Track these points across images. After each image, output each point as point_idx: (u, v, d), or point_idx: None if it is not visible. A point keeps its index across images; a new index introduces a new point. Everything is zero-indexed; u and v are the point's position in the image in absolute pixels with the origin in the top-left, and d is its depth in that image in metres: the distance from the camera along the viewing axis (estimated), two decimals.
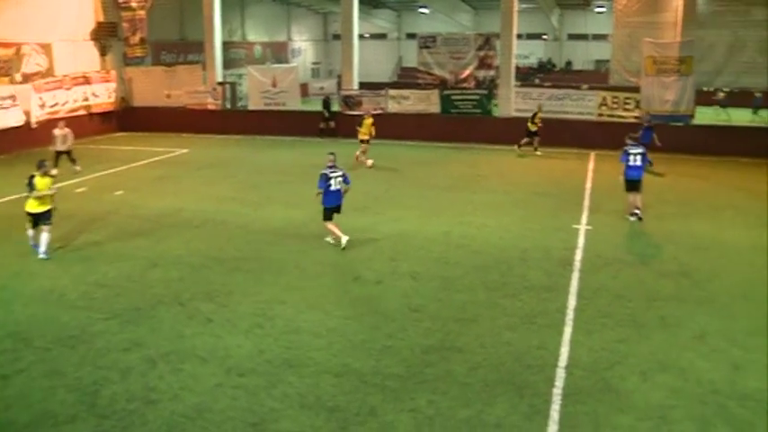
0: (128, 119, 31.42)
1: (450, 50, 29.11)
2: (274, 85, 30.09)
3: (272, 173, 21.84)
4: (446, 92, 28.26)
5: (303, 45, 58.07)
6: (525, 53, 53.45)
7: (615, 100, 25.92)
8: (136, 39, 31.14)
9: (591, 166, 22.52)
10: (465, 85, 28.94)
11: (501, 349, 9.32)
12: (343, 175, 13.64)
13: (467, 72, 28.99)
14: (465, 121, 27.68)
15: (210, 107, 30.96)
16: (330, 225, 13.71)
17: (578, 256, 13.27)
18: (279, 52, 53.64)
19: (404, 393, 8.14)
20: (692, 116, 25.52)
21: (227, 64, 35.63)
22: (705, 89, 28.76)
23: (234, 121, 31.21)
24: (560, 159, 24.02)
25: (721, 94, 32.80)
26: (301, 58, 55.83)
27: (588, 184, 19.64)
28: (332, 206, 13.64)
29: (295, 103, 30.43)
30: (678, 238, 14.62)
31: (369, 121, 22.67)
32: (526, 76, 47.82)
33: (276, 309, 10.66)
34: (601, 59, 49.77)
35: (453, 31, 41.14)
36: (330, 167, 13.61)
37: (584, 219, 15.98)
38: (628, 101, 25.76)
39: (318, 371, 8.67)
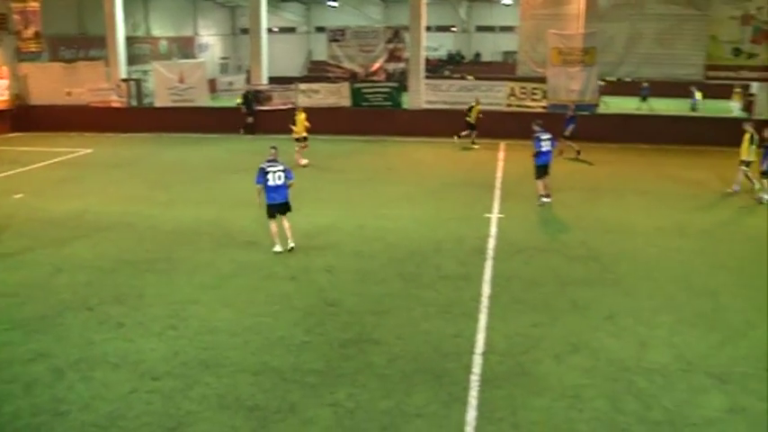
0: (24, 118, 29.85)
1: (359, 43, 29.10)
2: (182, 82, 29.37)
3: (182, 171, 21.32)
4: (356, 85, 28.25)
5: (210, 40, 56.87)
6: (435, 45, 53.94)
7: (523, 90, 26.55)
8: (29, 32, 29.60)
9: (501, 155, 23.01)
10: (375, 78, 28.99)
11: (418, 339, 9.39)
12: (284, 170, 12.84)
13: (377, 65, 29.05)
14: (376, 113, 27.75)
15: (115, 105, 29.93)
16: (272, 225, 13.06)
17: (491, 244, 13.52)
18: (185, 47, 52.37)
19: (323, 388, 8.09)
20: (596, 105, 26.42)
21: (132, 60, 34.47)
22: (608, 78, 29.89)
23: (140, 118, 30.27)
24: (471, 149, 24.42)
25: (645, 84, 34.47)
26: (209, 54, 54.67)
27: (499, 174, 20.03)
28: (272, 204, 12.87)
29: (203, 100, 29.78)
30: (586, 223, 15.11)
31: (302, 116, 21.88)
32: (436, 68, 48.30)
33: (190, 309, 10.41)
34: (509, 51, 50.79)
35: (363, 24, 41.13)
36: (269, 161, 12.85)
37: (495, 207, 16.31)
38: (535, 91, 26.44)
39: (236, 370, 8.52)
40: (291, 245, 13.01)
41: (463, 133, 24.73)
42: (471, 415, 7.57)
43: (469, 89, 27.36)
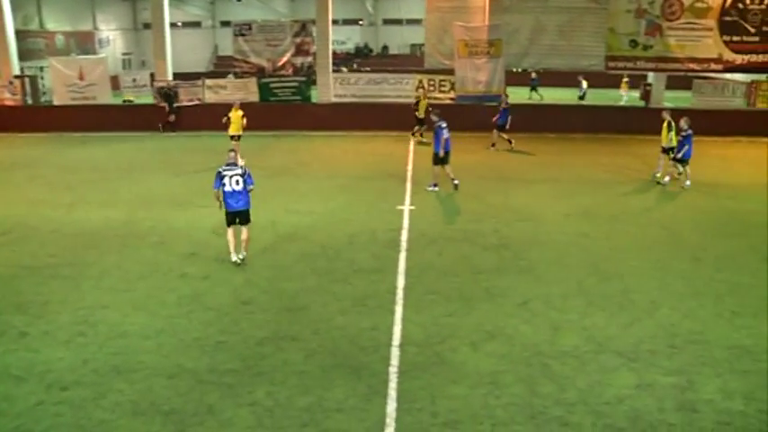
0: None
1: (266, 38, 28.65)
2: (82, 78, 28.22)
3: (86, 171, 20.48)
4: (264, 80, 27.88)
5: (111, 35, 54.89)
6: (342, 39, 53.92)
7: (431, 82, 26.82)
8: None
9: (411, 147, 23.16)
10: (283, 72, 28.65)
11: (335, 334, 9.35)
12: (243, 174, 11.75)
13: (284, 59, 28.70)
14: (285, 108, 27.49)
15: (8, 103, 28.44)
16: (228, 233, 12.10)
17: (404, 236, 13.60)
18: (84, 42, 50.33)
19: (241, 388, 7.94)
20: (502, 95, 26.91)
21: (24, 55, 32.83)
22: (514, 70, 30.54)
23: (38, 117, 28.85)
24: (381, 143, 24.50)
25: (534, 75, 35.50)
26: (110, 49, 52.73)
27: (409, 166, 20.17)
28: (230, 211, 11.87)
29: (106, 97, 28.70)
30: (497, 211, 15.41)
31: (238, 113, 20.90)
32: (344, 62, 48.27)
33: (99, 314, 10.02)
34: (416, 43, 51.25)
35: (269, 18, 40.56)
36: (227, 165, 11.78)
37: (407, 199, 16.41)
38: (443, 83, 26.75)
39: (150, 374, 8.25)
40: (240, 257, 12.07)
41: (415, 129, 24.64)
42: (391, 407, 7.58)
43: (378, 82, 27.44)
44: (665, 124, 18.50)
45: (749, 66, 27.32)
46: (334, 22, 29.80)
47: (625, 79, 34.75)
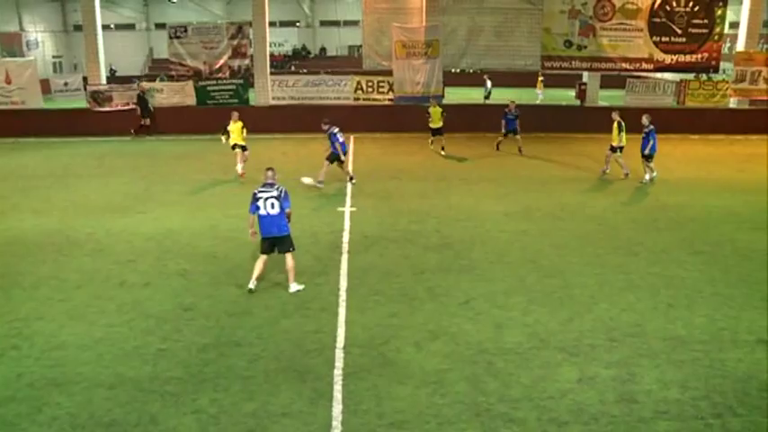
0: None
1: (202, 40, 28.21)
2: (8, 82, 27.26)
3: (16, 178, 19.80)
4: (201, 83, 27.47)
5: (40, 36, 53.34)
6: (279, 41, 53.57)
7: (370, 84, 26.87)
8: None
9: (351, 148, 23.07)
10: (220, 75, 28.27)
11: (279, 338, 9.27)
12: (279, 196, 10.60)
13: (221, 62, 28.33)
14: (222, 111, 26.92)
15: None
16: (259, 260, 10.96)
17: (346, 238, 13.56)
18: (10, 44, 48.73)
19: (185, 396, 7.80)
20: (441, 96, 27.15)
21: None
22: (452, 71, 30.82)
23: None
24: (321, 145, 24.09)
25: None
26: (39, 51, 51.25)
27: (350, 167, 20.09)
28: (265, 237, 10.79)
29: (36, 101, 27.78)
30: (439, 211, 15.51)
31: (238, 124, 19.45)
32: (282, 64, 47.96)
33: (34, 326, 9.69)
34: (354, 45, 51.30)
35: (205, 20, 40.07)
36: (264, 185, 10.75)
37: (348, 201, 16.37)
38: (382, 84, 26.81)
39: (89, 386, 8.02)
40: (296, 288, 10.94)
41: (431, 140, 23.42)
42: (337, 409, 7.55)
43: (316, 83, 27.34)
44: (615, 124, 19.00)
45: (678, 65, 28.29)
46: (272, 24, 29.62)
47: (540, 78, 35.31)
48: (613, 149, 19.12)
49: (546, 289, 11.12)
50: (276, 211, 10.60)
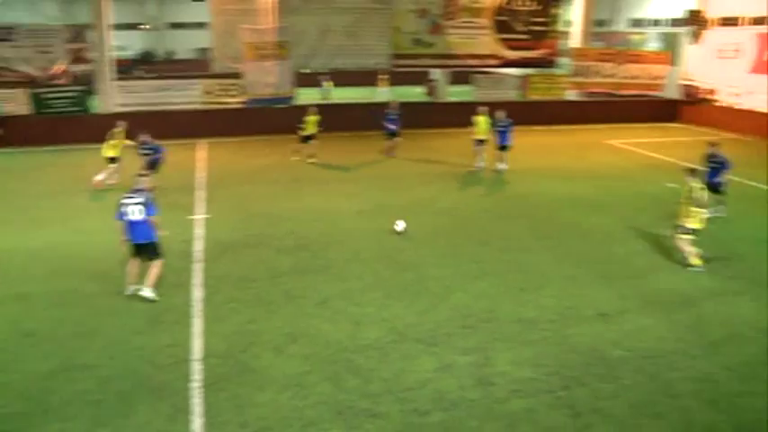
0: None
1: (36, 44, 26.37)
2: None
3: None
4: (36, 90, 25.69)
5: None
6: (124, 44, 51.39)
7: (220, 87, 26.23)
8: None
9: (203, 154, 22.43)
10: (59, 81, 26.57)
11: (131, 356, 8.84)
12: (144, 203, 10.38)
13: (59, 67, 26.69)
14: (63, 120, 25.44)
15: None
16: (130, 264, 10.71)
17: (199, 246, 13.13)
18: None
19: (30, 430, 7.26)
20: (292, 97, 26.96)
21: None
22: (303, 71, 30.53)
23: None
24: (170, 151, 23.19)
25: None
26: None
27: (203, 173, 19.53)
28: (133, 243, 10.52)
29: None
30: (293, 213, 15.33)
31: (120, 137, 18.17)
32: (128, 69, 46.03)
33: None
34: (203, 47, 49.94)
35: (37, 21, 37.59)
36: (134, 191, 10.49)
37: (200, 208, 15.84)
38: (232, 87, 26.26)
39: None
40: (145, 292, 10.60)
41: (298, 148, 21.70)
42: (197, 423, 7.34)
43: (164, 89, 26.35)
44: (482, 118, 19.70)
45: (521, 61, 29.71)
46: (115, 26, 28.21)
47: (382, 77, 35.73)
48: (480, 142, 19.77)
49: (402, 283, 11.28)
50: (141, 217, 10.37)
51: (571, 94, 30.76)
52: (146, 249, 10.62)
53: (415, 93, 35.68)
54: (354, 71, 30.64)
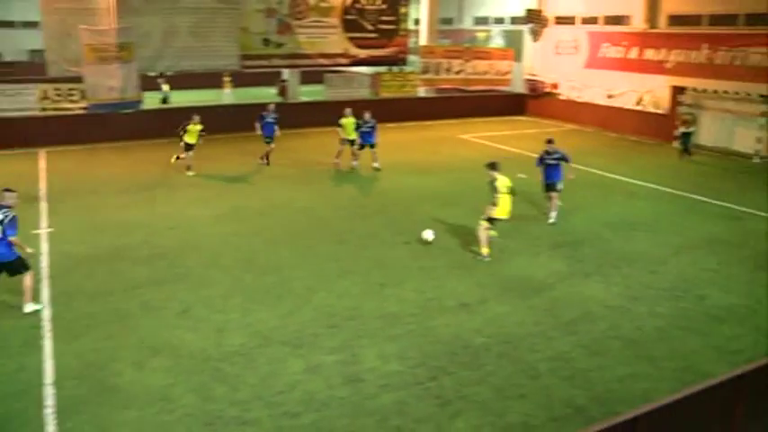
0: None
1: None
2: None
3: None
4: None
5: None
6: None
7: (58, 92, 24.72)
8: None
9: (43, 165, 21.02)
10: None
11: None
12: (2, 221, 9.75)
13: None
14: None
15: None
16: None
17: (45, 262, 12.28)
18: None
19: None
20: (140, 101, 25.93)
21: None
22: (150, 74, 29.31)
23: None
24: (5, 162, 21.62)
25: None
26: None
27: (42, 184, 18.30)
28: None
29: None
30: (146, 222, 14.70)
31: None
32: None
33: None
34: (36, 49, 46.82)
35: None
36: None
37: (43, 222, 14.82)
38: (72, 92, 24.85)
39: None
40: (32, 308, 10.21)
41: (182, 155, 20.01)
42: None
43: None
44: (349, 120, 19.97)
45: (371, 59, 30.15)
46: None
47: (226, 78, 34.94)
48: (349, 142, 19.87)
49: (263, 287, 11.18)
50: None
51: (422, 91, 31.60)
52: (7, 269, 10.03)
53: (268, 94, 35.21)
54: (198, 74, 29.86)
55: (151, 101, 28.75)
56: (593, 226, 14.70)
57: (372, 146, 20.07)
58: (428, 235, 13.48)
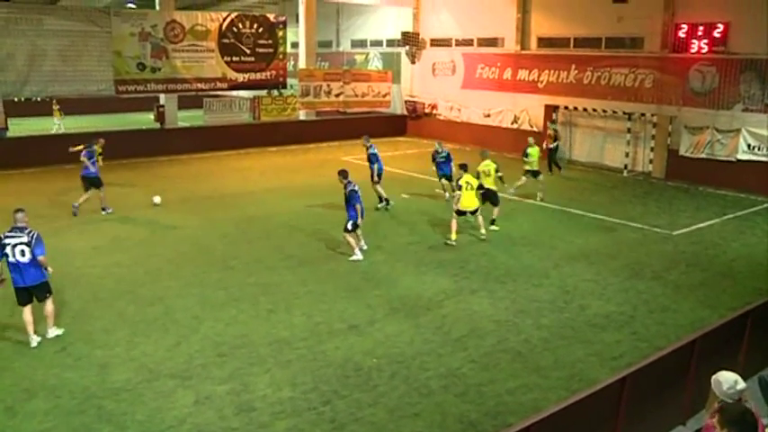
0: None
1: None
2: None
3: None
4: None
5: None
6: None
7: None
8: None
9: None
10: None
11: None
12: (30, 242, 9.62)
13: None
14: None
15: None
16: (24, 314, 9.82)
17: None
18: None
19: None
20: (5, 129, 24.63)
21: None
22: (15, 100, 27.83)
23: None
24: None
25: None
26: None
27: None
28: (17, 287, 9.73)
29: None
30: None
31: None
32: None
33: None
34: None
35: None
36: (13, 229, 9.69)
37: None
38: None
39: None
40: (53, 333, 10.07)
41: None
42: None
43: None
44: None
45: (250, 83, 29.91)
46: None
47: (56, 107, 33.46)
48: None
49: (148, 318, 10.82)
50: (27, 258, 9.65)
51: (303, 114, 31.64)
52: (37, 293, 9.93)
53: (146, 119, 34.24)
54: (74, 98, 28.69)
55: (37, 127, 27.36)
56: (476, 243, 15.14)
57: (449, 178, 18.96)
58: (156, 200, 16.74)
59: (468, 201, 14.86)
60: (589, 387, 6.63)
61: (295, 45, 34.48)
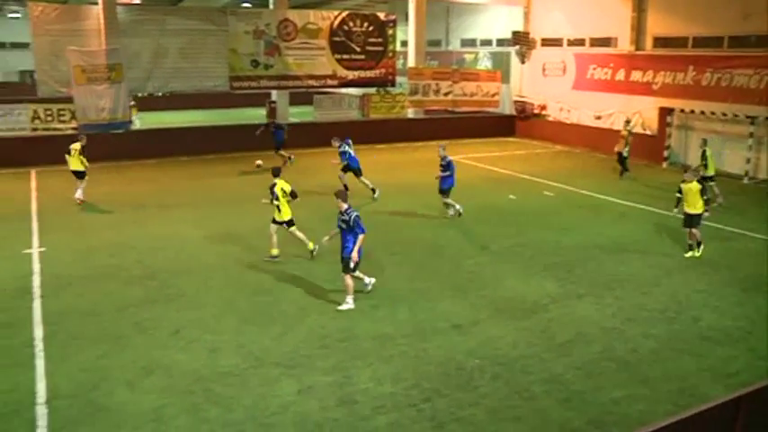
0: None
1: None
2: None
3: None
4: None
5: None
6: None
7: (49, 112, 24.72)
8: None
9: (34, 184, 20.99)
10: None
11: None
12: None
13: None
14: None
15: None
16: None
17: (36, 282, 12.28)
18: None
19: None
20: (130, 122, 25.98)
21: None
22: (139, 95, 29.39)
23: None
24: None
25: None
26: None
27: (34, 205, 18.28)
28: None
29: None
30: (138, 242, 14.73)
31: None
32: None
33: None
34: (26, 69, 46.77)
35: None
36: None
37: (35, 241, 14.79)
38: (62, 112, 24.85)
39: None
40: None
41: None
42: None
43: None
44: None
45: (360, 81, 30.34)
46: None
47: (133, 103, 34.39)
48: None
49: (256, 307, 11.16)
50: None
51: (411, 113, 31.76)
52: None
53: (256, 115, 35.30)
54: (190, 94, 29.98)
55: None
56: (583, 247, 14.77)
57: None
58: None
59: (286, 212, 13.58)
60: (701, 403, 6.30)
61: (404, 44, 34.69)
